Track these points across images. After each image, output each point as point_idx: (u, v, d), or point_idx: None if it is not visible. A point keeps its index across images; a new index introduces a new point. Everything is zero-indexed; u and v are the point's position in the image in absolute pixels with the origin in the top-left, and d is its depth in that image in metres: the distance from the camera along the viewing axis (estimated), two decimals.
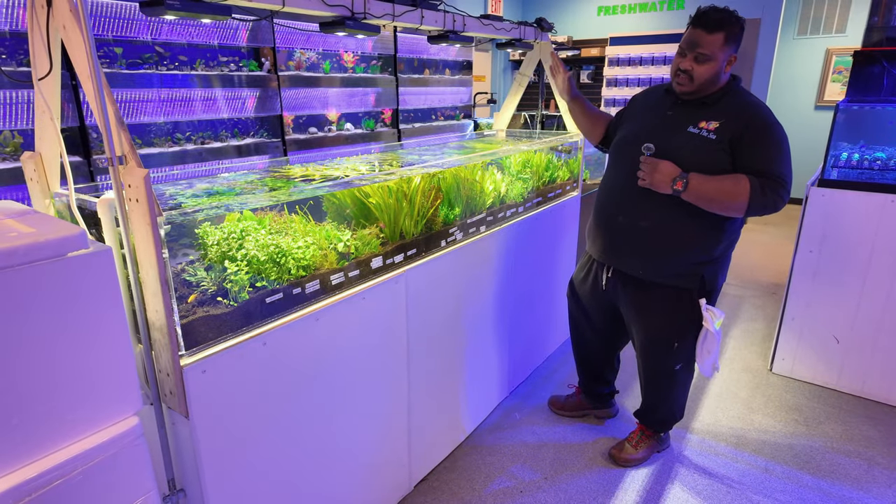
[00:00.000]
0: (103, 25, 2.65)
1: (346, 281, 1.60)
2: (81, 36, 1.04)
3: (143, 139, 2.92)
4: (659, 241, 1.79)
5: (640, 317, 1.95)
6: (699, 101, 1.74)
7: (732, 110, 1.68)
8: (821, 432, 2.39)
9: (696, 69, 1.67)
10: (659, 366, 1.98)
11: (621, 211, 1.87)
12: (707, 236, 1.76)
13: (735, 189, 1.61)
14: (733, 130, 1.65)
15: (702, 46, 1.64)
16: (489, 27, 2.41)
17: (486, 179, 2.23)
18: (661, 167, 1.68)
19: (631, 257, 1.87)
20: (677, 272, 1.81)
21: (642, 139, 1.76)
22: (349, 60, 3.92)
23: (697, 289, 1.81)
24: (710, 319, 1.79)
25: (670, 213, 1.74)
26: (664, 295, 1.85)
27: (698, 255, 1.78)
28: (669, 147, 1.72)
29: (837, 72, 6.34)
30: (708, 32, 1.63)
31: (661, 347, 1.93)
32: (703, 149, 1.67)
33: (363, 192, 1.75)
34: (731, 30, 1.64)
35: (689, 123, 1.72)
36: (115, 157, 1.08)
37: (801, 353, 2.77)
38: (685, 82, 1.71)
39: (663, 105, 1.83)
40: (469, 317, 2.16)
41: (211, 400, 1.24)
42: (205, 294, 1.28)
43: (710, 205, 1.66)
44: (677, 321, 1.87)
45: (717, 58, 1.65)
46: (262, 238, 1.38)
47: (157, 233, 1.09)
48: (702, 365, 1.87)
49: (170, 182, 1.77)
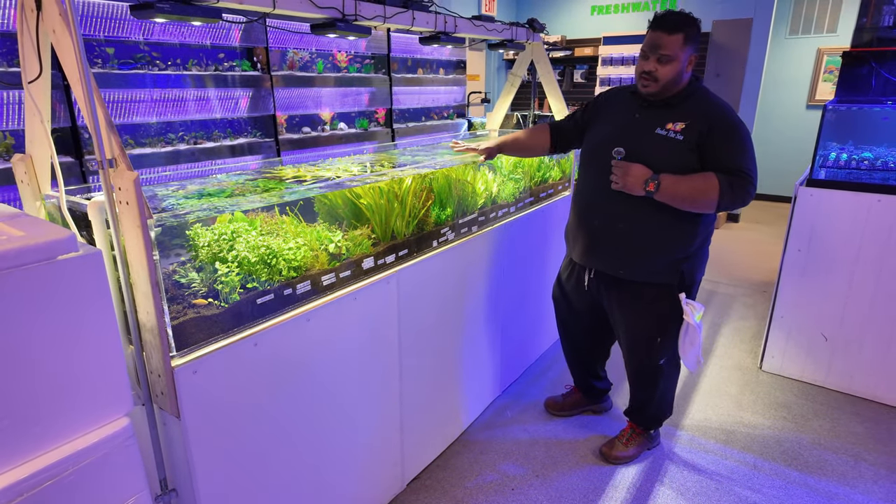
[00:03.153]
0: (95, 26, 2.64)
1: (338, 281, 1.61)
2: (71, 39, 1.05)
3: (135, 139, 2.92)
4: (637, 241, 1.84)
5: (624, 315, 1.99)
6: (664, 102, 1.79)
7: (697, 111, 1.74)
8: (808, 429, 2.42)
9: (659, 70, 1.72)
10: (644, 362, 2.02)
11: (598, 214, 1.91)
12: (683, 233, 1.81)
13: (705, 187, 1.68)
14: (700, 131, 1.71)
15: (663, 48, 1.69)
16: (481, 28, 2.42)
17: (478, 180, 2.25)
18: (632, 170, 1.73)
19: (611, 258, 1.92)
20: (657, 270, 1.86)
21: (613, 143, 1.81)
22: (342, 60, 3.92)
23: (677, 284, 1.87)
24: (690, 313, 1.84)
25: (646, 213, 1.79)
26: (645, 292, 1.90)
27: (676, 252, 1.83)
28: (639, 149, 1.77)
29: (829, 71, 6.38)
30: (668, 34, 1.69)
31: (645, 344, 1.98)
32: (671, 150, 1.73)
33: (354, 192, 1.76)
34: (689, 31, 1.70)
35: (656, 125, 1.77)
36: (106, 160, 1.09)
37: (790, 350, 2.81)
38: (650, 83, 1.76)
39: (630, 108, 1.87)
40: (461, 316, 2.17)
41: (202, 400, 1.25)
42: (196, 295, 1.28)
43: (683, 203, 1.72)
44: (659, 317, 1.92)
45: (679, 58, 1.70)
46: (252, 239, 1.39)
47: (148, 235, 1.10)
48: (685, 358, 1.91)
49: (161, 183, 1.78)
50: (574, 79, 6.72)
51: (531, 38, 2.79)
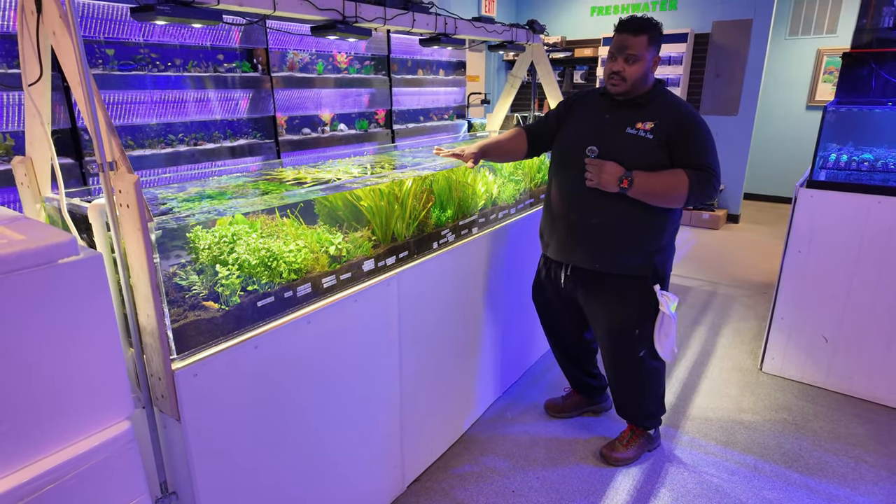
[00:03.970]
0: (95, 27, 2.64)
1: (338, 284, 1.61)
2: (71, 41, 1.05)
3: (135, 141, 2.92)
4: (612, 235, 1.90)
5: (601, 309, 2.02)
6: (633, 102, 1.87)
7: (664, 111, 1.83)
8: (809, 430, 2.42)
9: (626, 70, 1.80)
10: (623, 355, 2.04)
11: (573, 210, 1.96)
12: (654, 227, 1.89)
13: (675, 182, 1.77)
14: (667, 130, 1.80)
15: (630, 48, 1.78)
16: (481, 29, 2.42)
17: (478, 182, 2.25)
18: (606, 168, 1.80)
19: (587, 253, 1.96)
20: (632, 263, 1.92)
21: (586, 142, 1.88)
22: (342, 61, 3.92)
23: (651, 276, 1.93)
24: (665, 304, 1.91)
25: (619, 208, 1.86)
26: (621, 285, 1.95)
27: (648, 245, 1.90)
28: (612, 148, 1.84)
29: (828, 72, 6.39)
30: (634, 35, 1.78)
31: (624, 336, 2.01)
32: (642, 148, 1.81)
33: (355, 195, 1.76)
34: (652, 33, 1.79)
35: (626, 125, 1.85)
36: (106, 163, 1.09)
37: (791, 352, 2.81)
38: (619, 83, 1.84)
39: (601, 108, 1.94)
40: (461, 318, 2.17)
41: (202, 403, 1.25)
42: (197, 298, 1.28)
43: (654, 199, 1.81)
44: (636, 309, 1.97)
45: (644, 58, 1.79)
46: (253, 242, 1.39)
47: (148, 238, 1.10)
48: (661, 349, 1.96)
49: (161, 185, 1.78)
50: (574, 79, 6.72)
51: (531, 39, 2.79)
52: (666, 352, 1.96)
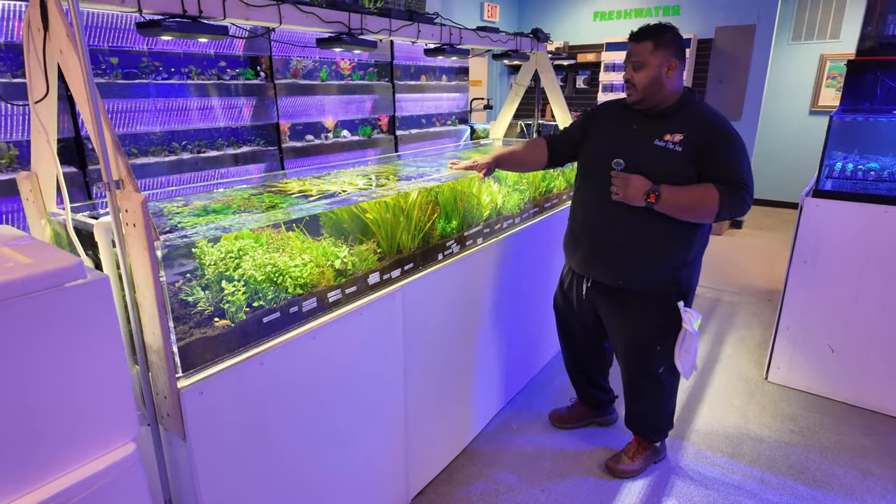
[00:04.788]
0: (99, 36, 2.64)
1: (344, 297, 1.60)
2: (78, 60, 1.04)
3: (139, 148, 2.92)
4: (636, 250, 1.86)
5: (622, 324, 2.00)
6: (659, 113, 1.83)
7: (694, 123, 1.77)
8: (816, 442, 2.40)
9: (634, 77, 1.80)
10: (643, 371, 2.02)
11: (597, 224, 1.93)
12: (680, 242, 1.84)
13: (704, 198, 1.71)
14: (697, 142, 1.74)
15: (634, 55, 1.79)
16: (485, 39, 2.42)
17: (483, 192, 2.24)
18: (633, 181, 1.76)
19: (609, 268, 1.93)
20: (655, 278, 1.88)
21: (612, 155, 1.84)
22: (346, 68, 3.92)
23: (675, 292, 1.89)
24: (688, 321, 1.87)
25: (644, 223, 1.82)
26: (644, 301, 1.92)
27: (674, 261, 1.86)
28: (639, 161, 1.79)
29: (831, 77, 6.37)
30: (637, 42, 1.79)
31: (644, 352, 1.98)
32: (670, 161, 1.76)
33: (360, 207, 1.75)
34: (657, 38, 1.76)
35: (654, 137, 1.80)
36: (113, 182, 1.08)
37: (796, 362, 2.79)
38: (631, 91, 1.84)
39: (628, 119, 1.90)
40: (466, 329, 2.16)
41: (208, 421, 1.24)
42: (202, 315, 1.28)
43: (682, 214, 1.76)
44: (659, 325, 1.93)
45: (650, 63, 1.76)
46: (259, 257, 1.38)
47: (155, 257, 1.09)
48: (680, 365, 1.93)
49: (166, 199, 1.77)
50: (576, 84, 6.72)
51: (535, 47, 2.79)
52: (686, 369, 1.93)
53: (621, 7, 6.37)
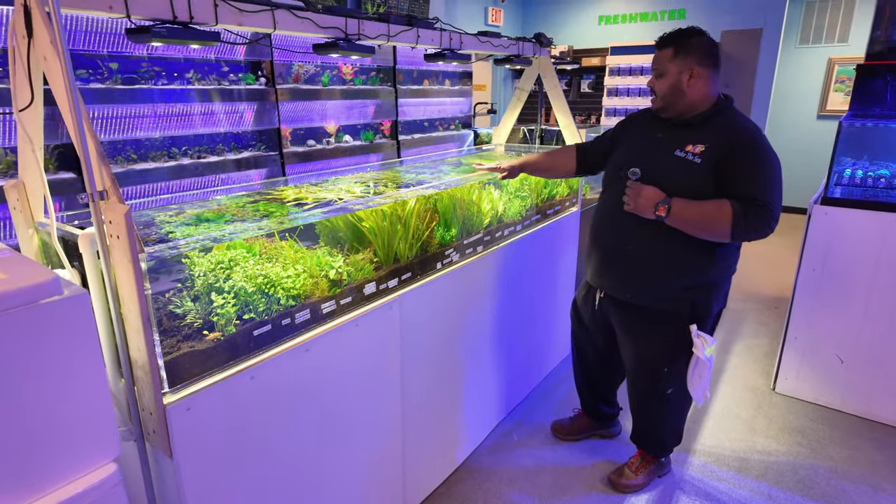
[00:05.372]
0: (97, 41, 2.63)
1: (338, 308, 1.56)
2: (60, 67, 1.01)
3: (138, 154, 2.90)
4: (645, 264, 1.80)
5: (630, 339, 1.94)
6: (685, 122, 1.75)
7: (719, 133, 1.67)
8: (825, 456, 2.34)
9: (656, 85, 1.75)
10: (649, 389, 1.96)
11: (610, 234, 1.87)
12: (695, 261, 1.74)
13: (717, 214, 1.60)
14: (717, 154, 1.64)
15: (655, 63, 1.75)
16: (487, 44, 2.38)
17: (483, 199, 2.20)
18: (644, 192, 1.69)
19: (618, 280, 1.88)
20: (665, 296, 1.80)
21: (632, 163, 1.77)
22: (348, 72, 3.90)
23: (688, 314, 1.80)
24: (700, 346, 1.77)
25: (657, 237, 1.74)
26: (654, 319, 1.85)
27: (687, 280, 1.77)
28: (656, 171, 1.72)
29: (840, 81, 6.30)
30: (659, 49, 1.73)
31: (650, 372, 1.92)
32: (687, 173, 1.67)
33: (356, 215, 1.71)
34: (681, 43, 1.68)
35: (676, 147, 1.72)
36: (96, 192, 1.05)
37: (805, 372, 2.73)
38: (654, 99, 1.79)
39: (654, 128, 1.84)
40: (465, 339, 2.12)
41: (196, 438, 1.20)
42: (191, 327, 1.24)
43: (694, 230, 1.66)
44: (667, 346, 1.86)
45: (669, 71, 1.69)
46: (250, 268, 1.35)
47: (139, 270, 1.06)
48: (693, 391, 1.86)
49: (159, 207, 1.75)
50: (581, 89, 6.67)
51: (538, 52, 2.75)
52: (698, 395, 1.84)
53: (627, 11, 6.33)
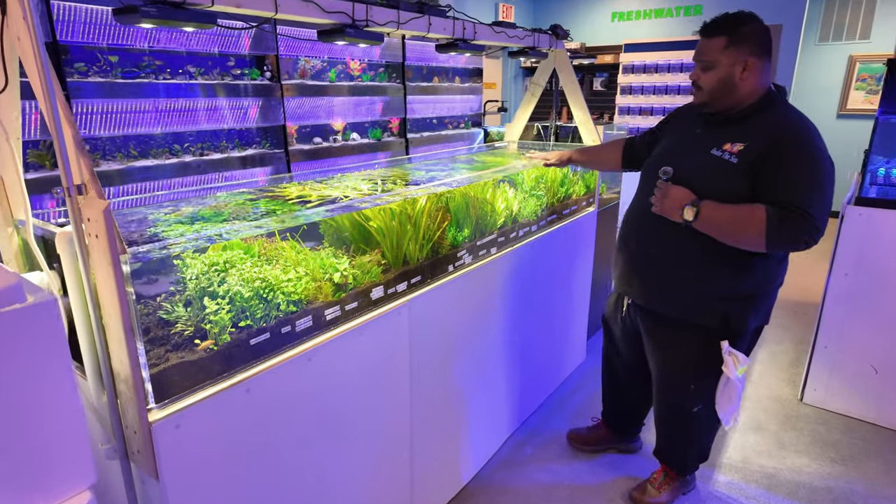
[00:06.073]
0: (98, 33, 2.54)
1: (343, 314, 1.45)
2: (32, 46, 0.90)
3: (140, 151, 2.81)
4: (672, 271, 1.65)
5: (657, 351, 1.80)
6: (727, 117, 1.59)
7: (762, 129, 1.50)
8: (860, 472, 2.20)
9: (701, 78, 1.56)
10: (675, 405, 1.82)
11: (634, 237, 1.74)
12: (729, 270, 1.57)
13: (747, 220, 1.43)
14: (758, 153, 1.46)
15: (702, 53, 1.55)
16: (501, 35, 2.26)
17: (498, 198, 2.08)
18: (672, 193, 1.54)
19: (644, 287, 1.74)
20: (693, 307, 1.64)
21: (665, 162, 1.62)
22: (356, 68, 3.79)
23: (720, 328, 1.63)
24: (731, 365, 1.59)
25: (686, 242, 1.58)
26: (680, 331, 1.70)
27: (719, 291, 1.60)
28: (689, 170, 1.57)
29: (861, 79, 6.11)
30: (707, 38, 1.54)
31: (676, 387, 1.78)
32: (721, 174, 1.51)
33: (363, 214, 1.60)
34: (734, 31, 1.49)
35: (713, 144, 1.56)
36: (73, 186, 0.94)
37: (835, 383, 2.58)
38: (697, 93, 1.61)
39: (693, 124, 1.69)
40: (478, 346, 2.00)
41: (185, 458, 1.09)
42: (181, 336, 1.13)
43: (723, 236, 1.50)
44: (695, 361, 1.70)
45: (721, 63, 1.51)
46: (247, 271, 1.24)
47: (120, 273, 0.95)
48: (721, 413, 1.68)
49: (154, 205, 1.64)
50: (593, 87, 6.53)
51: (554, 45, 2.63)
52: (726, 417, 1.67)
53: (640, 7, 6.18)
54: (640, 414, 2.23)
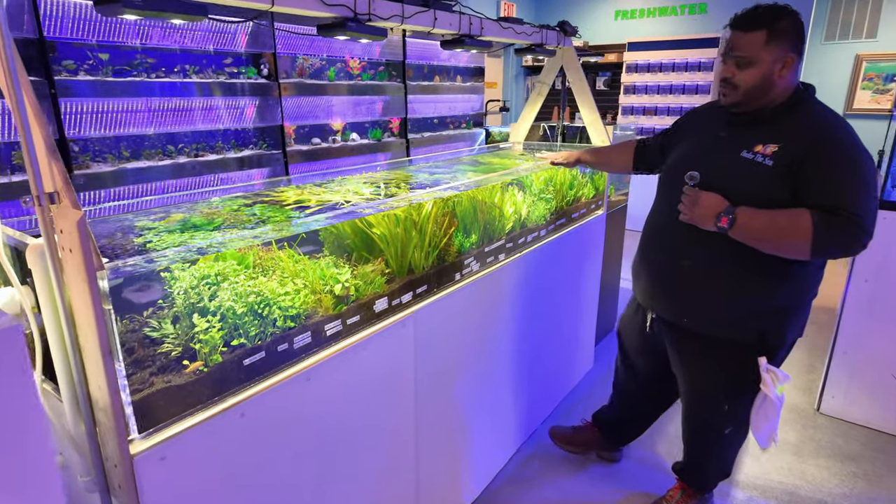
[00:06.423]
0: (87, 29, 2.43)
1: (344, 329, 1.35)
2: None
3: (131, 152, 2.70)
4: (705, 284, 1.53)
5: (687, 370, 1.68)
6: (755, 117, 1.47)
7: (796, 129, 1.39)
8: (884, 487, 2.10)
9: (737, 76, 1.42)
10: (706, 425, 1.71)
11: (660, 249, 1.62)
12: (766, 281, 1.46)
13: (792, 227, 1.33)
14: (794, 154, 1.36)
15: (739, 49, 1.41)
16: (508, 31, 2.16)
17: (506, 202, 1.98)
18: (703, 200, 1.42)
19: (672, 302, 1.61)
20: (727, 321, 1.53)
21: (688, 166, 1.50)
22: (355, 67, 3.69)
23: (756, 344, 1.52)
24: (770, 383, 1.48)
25: (719, 252, 1.47)
26: (714, 348, 1.57)
27: (755, 303, 1.49)
28: (718, 175, 1.45)
29: (868, 79, 6.03)
30: (745, 31, 1.40)
31: (708, 407, 1.67)
32: (757, 178, 1.40)
33: (366, 220, 1.50)
34: (774, 25, 1.37)
35: (743, 147, 1.45)
36: (44, 195, 0.84)
37: (854, 392, 2.49)
38: (728, 92, 1.46)
39: (716, 124, 1.56)
40: (485, 357, 1.90)
41: (172, 493, 0.99)
42: (167, 357, 1.03)
43: (763, 245, 1.39)
44: (730, 379, 1.59)
45: (762, 60, 1.38)
46: (240, 285, 1.14)
47: (97, 291, 0.85)
48: (757, 433, 1.57)
49: (143, 211, 1.54)
50: (596, 86, 6.44)
51: (562, 42, 2.53)
52: (763, 438, 1.55)
53: (644, 5, 6.09)
54: (642, 428, 2.13)
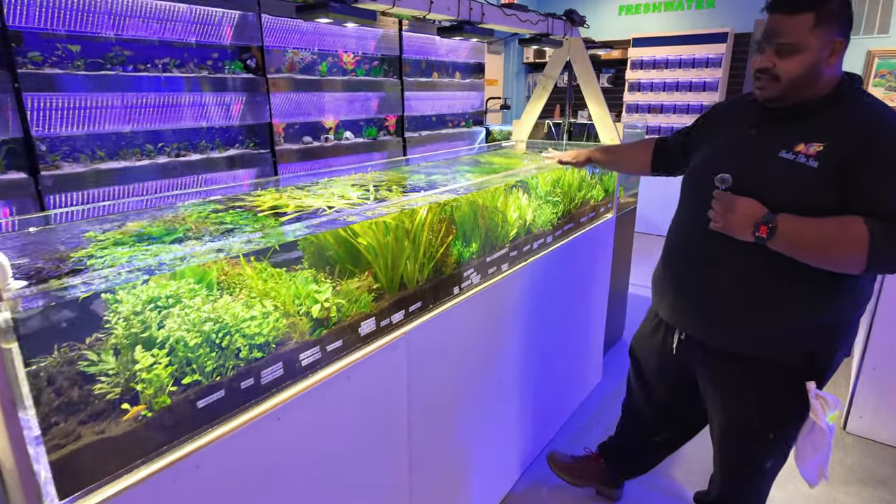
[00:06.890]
0: (56, 18, 2.25)
1: (324, 357, 1.17)
2: None
3: (106, 151, 2.52)
4: (741, 300, 1.33)
5: (722, 397, 1.48)
6: (794, 112, 1.28)
7: (843, 126, 1.21)
8: None
9: (779, 65, 1.22)
10: (745, 458, 1.51)
11: (688, 259, 1.42)
12: (814, 296, 1.27)
13: (844, 237, 1.15)
14: (842, 154, 1.17)
15: (783, 34, 1.21)
16: (512, 18, 1.98)
17: (510, 205, 1.80)
18: (738, 206, 1.23)
19: (704, 320, 1.41)
20: (769, 341, 1.33)
21: (718, 167, 1.31)
22: (349, 62, 3.51)
23: (804, 366, 1.33)
24: (819, 411, 1.29)
25: (756, 264, 1.29)
26: (755, 371, 1.38)
27: (801, 321, 1.30)
28: (753, 178, 1.27)
29: (880, 75, 5.84)
30: (789, 14, 1.19)
31: (748, 437, 1.47)
32: (798, 182, 1.21)
33: (350, 229, 1.31)
34: (824, 6, 1.17)
35: (781, 146, 1.25)
36: None
37: (884, 410, 2.31)
38: (767, 85, 1.26)
39: (748, 120, 1.37)
40: (487, 379, 1.72)
41: None
42: (101, 401, 0.85)
43: (809, 257, 1.20)
44: (773, 407, 1.39)
45: (809, 46, 1.19)
46: (195, 309, 0.95)
47: None
48: (803, 466, 1.37)
49: (98, 218, 1.35)
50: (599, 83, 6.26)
51: (569, 32, 2.34)
52: (811, 473, 1.36)
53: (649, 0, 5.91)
54: (654, 462, 1.92)
